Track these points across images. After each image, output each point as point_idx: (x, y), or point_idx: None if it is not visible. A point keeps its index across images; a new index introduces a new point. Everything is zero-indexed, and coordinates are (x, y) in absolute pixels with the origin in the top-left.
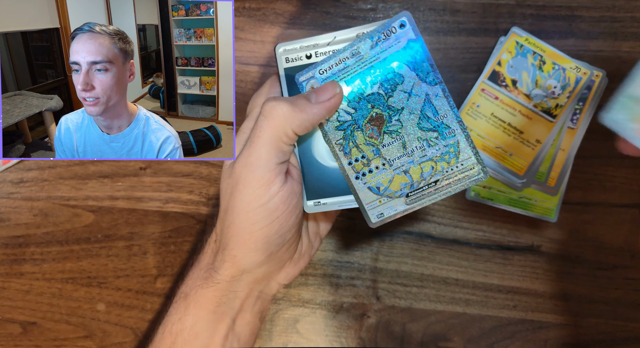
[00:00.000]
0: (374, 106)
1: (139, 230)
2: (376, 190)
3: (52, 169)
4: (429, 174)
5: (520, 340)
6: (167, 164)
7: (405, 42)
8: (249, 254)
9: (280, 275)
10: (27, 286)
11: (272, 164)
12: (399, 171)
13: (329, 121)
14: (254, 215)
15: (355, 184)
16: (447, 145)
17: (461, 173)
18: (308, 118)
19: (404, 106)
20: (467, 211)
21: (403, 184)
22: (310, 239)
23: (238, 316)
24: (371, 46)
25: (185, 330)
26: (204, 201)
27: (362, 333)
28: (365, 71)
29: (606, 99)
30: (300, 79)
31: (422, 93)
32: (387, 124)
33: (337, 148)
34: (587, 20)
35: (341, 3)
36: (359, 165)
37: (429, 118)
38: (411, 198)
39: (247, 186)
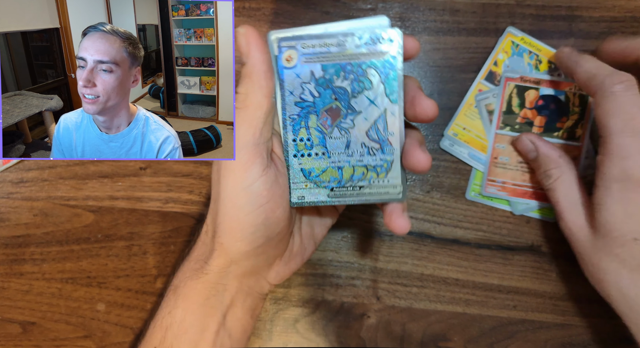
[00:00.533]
0: (336, 99)
1: (138, 230)
2: (307, 174)
3: (52, 169)
4: (357, 178)
5: (520, 340)
6: (167, 164)
7: (387, 56)
8: (236, 243)
9: (270, 274)
10: (27, 286)
11: (250, 145)
12: (335, 165)
13: (291, 93)
14: (238, 199)
15: (290, 161)
16: (383, 160)
17: (384, 187)
18: (254, 70)
19: (362, 110)
20: (467, 211)
21: (332, 178)
22: (304, 241)
23: (228, 311)
24: (356, 45)
25: (175, 323)
26: (204, 201)
27: (362, 333)
28: (343, 63)
29: None
30: (282, 43)
31: (382, 106)
32: (341, 119)
33: (288, 121)
34: (587, 20)
35: (341, 3)
36: (301, 145)
37: (378, 130)
38: (334, 193)
39: (228, 169)
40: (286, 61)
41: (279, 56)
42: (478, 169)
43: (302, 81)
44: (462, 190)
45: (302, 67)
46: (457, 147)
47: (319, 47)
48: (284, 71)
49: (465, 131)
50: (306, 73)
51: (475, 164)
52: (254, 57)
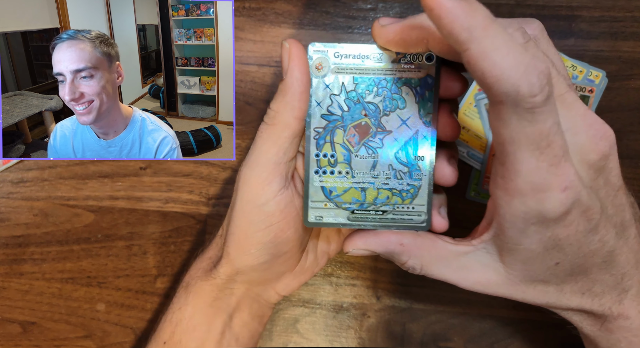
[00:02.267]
0: (367, 115)
1: (139, 230)
2: (327, 193)
3: (52, 169)
4: (381, 202)
5: (520, 340)
6: (167, 164)
7: (424, 74)
8: (243, 256)
9: (279, 285)
10: (27, 286)
11: (271, 163)
12: (358, 186)
13: (318, 104)
14: (250, 214)
15: (311, 177)
16: (410, 185)
17: (408, 215)
18: (290, 89)
19: (393, 130)
20: (467, 211)
21: (355, 200)
22: (318, 257)
23: (235, 314)
24: (394, 60)
25: (185, 319)
26: (204, 201)
27: (362, 333)
28: (377, 78)
29: (606, 99)
30: (313, 49)
31: (414, 128)
32: (370, 137)
33: (312, 134)
34: (588, 20)
35: (341, 3)
36: (324, 161)
37: (408, 153)
38: (355, 216)
39: (246, 184)
40: (316, 69)
41: (309, 62)
42: (477, 168)
43: (332, 93)
44: (462, 190)
45: (332, 77)
46: (457, 146)
47: (353, 58)
48: (312, 80)
49: (464, 130)
50: (336, 84)
51: (474, 163)
52: (293, 76)
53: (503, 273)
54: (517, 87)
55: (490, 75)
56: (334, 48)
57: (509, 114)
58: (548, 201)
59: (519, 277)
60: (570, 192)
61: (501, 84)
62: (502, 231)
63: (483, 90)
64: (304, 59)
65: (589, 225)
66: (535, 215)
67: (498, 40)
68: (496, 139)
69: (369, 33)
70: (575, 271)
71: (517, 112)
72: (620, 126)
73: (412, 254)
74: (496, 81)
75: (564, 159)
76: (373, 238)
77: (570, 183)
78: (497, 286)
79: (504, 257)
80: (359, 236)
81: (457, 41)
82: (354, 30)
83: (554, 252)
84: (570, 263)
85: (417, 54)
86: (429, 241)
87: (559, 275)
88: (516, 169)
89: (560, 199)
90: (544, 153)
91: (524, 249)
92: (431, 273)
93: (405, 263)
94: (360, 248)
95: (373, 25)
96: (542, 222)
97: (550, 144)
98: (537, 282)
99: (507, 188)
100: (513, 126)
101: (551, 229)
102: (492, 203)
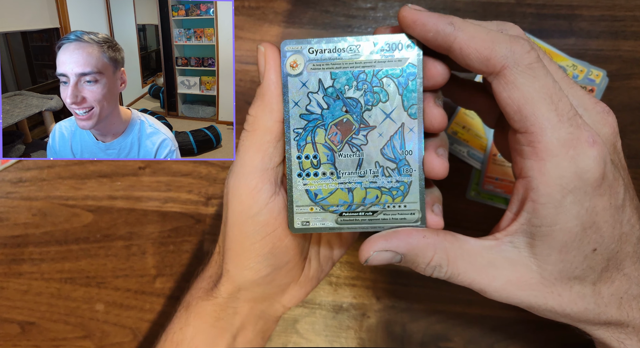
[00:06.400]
0: (347, 111)
1: (137, 230)
2: (313, 196)
3: (51, 169)
4: (370, 202)
5: (520, 340)
6: (166, 164)
7: (405, 63)
8: (243, 272)
9: (285, 298)
10: (26, 286)
11: (258, 171)
12: (344, 187)
13: (296, 104)
14: (244, 227)
15: (294, 181)
16: (400, 182)
17: (400, 213)
18: (267, 92)
19: (377, 125)
20: (467, 211)
21: (342, 202)
22: (321, 263)
23: (239, 333)
24: (372, 50)
25: (186, 340)
26: (203, 201)
27: (362, 333)
28: (355, 71)
29: (607, 99)
30: (286, 47)
31: (399, 121)
32: (353, 135)
33: (292, 136)
34: (588, 19)
35: (341, 2)
36: (307, 163)
37: (395, 148)
38: (343, 219)
39: (236, 195)
40: (291, 67)
41: (283, 61)
42: (477, 168)
43: (309, 91)
44: (462, 189)
45: (309, 74)
46: (457, 146)
47: (329, 52)
48: (288, 79)
49: (464, 129)
50: (313, 82)
51: (474, 163)
52: (269, 79)
53: (535, 270)
54: (511, 47)
55: (484, 47)
56: (308, 44)
57: (514, 75)
58: (580, 158)
59: (554, 273)
60: (598, 147)
61: (497, 51)
62: (536, 212)
63: (481, 68)
64: (280, 62)
65: (616, 201)
66: (572, 178)
67: (478, 27)
68: (512, 110)
69: (369, 32)
70: (610, 264)
71: (520, 72)
72: (621, 125)
73: (438, 247)
74: (491, 50)
75: (580, 117)
76: (393, 238)
77: (595, 137)
78: (530, 288)
79: (536, 248)
80: (375, 238)
81: (445, 33)
82: (353, 29)
83: (590, 233)
84: (607, 250)
85: (396, 42)
86: (449, 235)
87: (596, 267)
88: (540, 125)
89: (593, 155)
90: (559, 107)
91: (560, 230)
92: (457, 271)
93: (431, 259)
94: (381, 250)
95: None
96: (579, 188)
97: (561, 99)
98: (573, 280)
99: (537, 152)
100: (521, 84)
101: (589, 197)
102: (520, 184)
